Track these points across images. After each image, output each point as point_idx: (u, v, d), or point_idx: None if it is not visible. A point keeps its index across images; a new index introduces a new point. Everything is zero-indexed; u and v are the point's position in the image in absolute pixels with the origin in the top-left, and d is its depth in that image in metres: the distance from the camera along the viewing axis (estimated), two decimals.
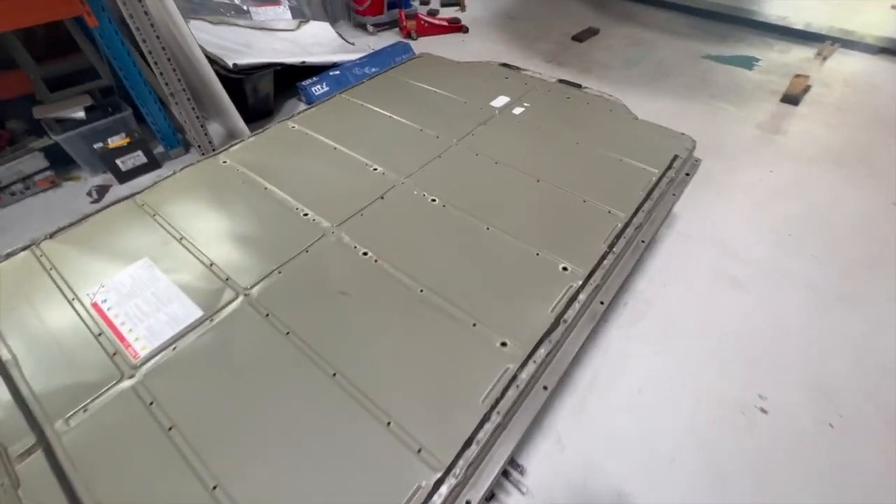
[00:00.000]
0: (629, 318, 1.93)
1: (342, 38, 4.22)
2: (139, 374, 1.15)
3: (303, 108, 3.08)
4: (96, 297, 1.31)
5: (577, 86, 2.31)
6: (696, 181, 2.63)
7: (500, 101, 2.18)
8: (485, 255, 1.43)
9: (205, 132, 2.66)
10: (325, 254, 1.43)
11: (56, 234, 1.52)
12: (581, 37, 4.28)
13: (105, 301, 1.30)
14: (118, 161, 2.61)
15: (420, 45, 4.25)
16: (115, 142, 2.58)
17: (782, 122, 3.11)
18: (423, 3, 5.13)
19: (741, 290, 2.03)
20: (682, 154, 1.83)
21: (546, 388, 1.15)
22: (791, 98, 3.29)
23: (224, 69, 2.85)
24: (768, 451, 1.53)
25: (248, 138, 1.95)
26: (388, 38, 4.36)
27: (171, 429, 1.05)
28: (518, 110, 2.11)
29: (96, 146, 2.55)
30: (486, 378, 1.11)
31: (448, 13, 4.86)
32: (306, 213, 1.57)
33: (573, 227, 1.52)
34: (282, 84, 3.37)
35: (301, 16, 4.03)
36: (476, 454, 1.00)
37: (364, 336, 1.21)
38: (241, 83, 2.86)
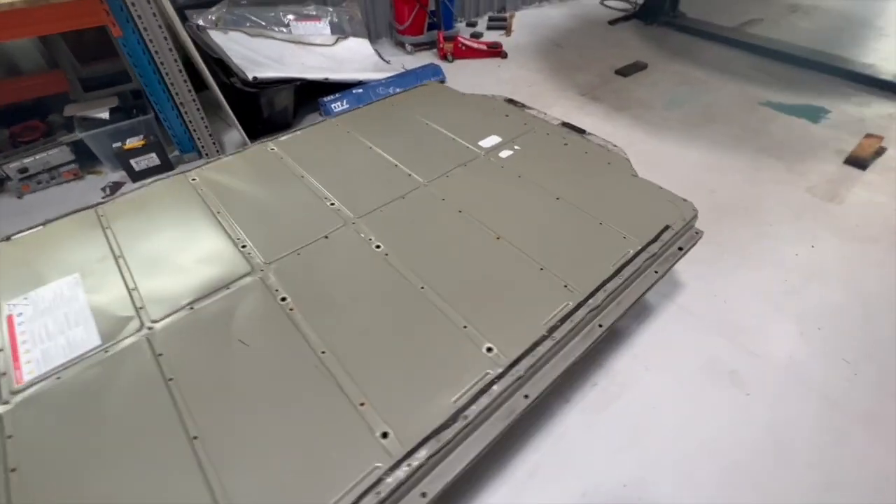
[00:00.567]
0: (597, 401, 1.69)
1: (379, 55, 4.25)
2: (13, 402, 1.12)
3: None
4: (15, 309, 1.32)
5: (581, 131, 2.11)
6: (717, 248, 2.33)
7: (490, 140, 2.03)
8: (407, 320, 1.29)
9: (213, 140, 2.73)
10: (245, 295, 1.36)
11: (12, 237, 1.57)
12: (626, 71, 4.01)
13: (20, 315, 1.30)
14: (132, 161, 2.75)
15: (454, 68, 4.19)
16: (132, 143, 2.72)
17: (840, 188, 2.67)
18: (470, 24, 5.09)
19: (741, 389, 1.72)
20: (676, 224, 1.58)
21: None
22: (857, 161, 2.83)
23: (243, 82, 2.94)
24: None
25: (226, 157, 1.95)
26: (425, 59, 4.33)
27: (13, 470, 1.00)
28: (506, 153, 1.95)
29: (115, 145, 2.70)
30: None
31: (493, 37, 4.77)
32: (245, 246, 1.52)
33: (517, 299, 1.33)
34: (310, 97, 3.42)
35: (340, 32, 4.10)
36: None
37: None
38: (257, 96, 2.92)
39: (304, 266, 1.44)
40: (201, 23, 3.32)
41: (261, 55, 3.34)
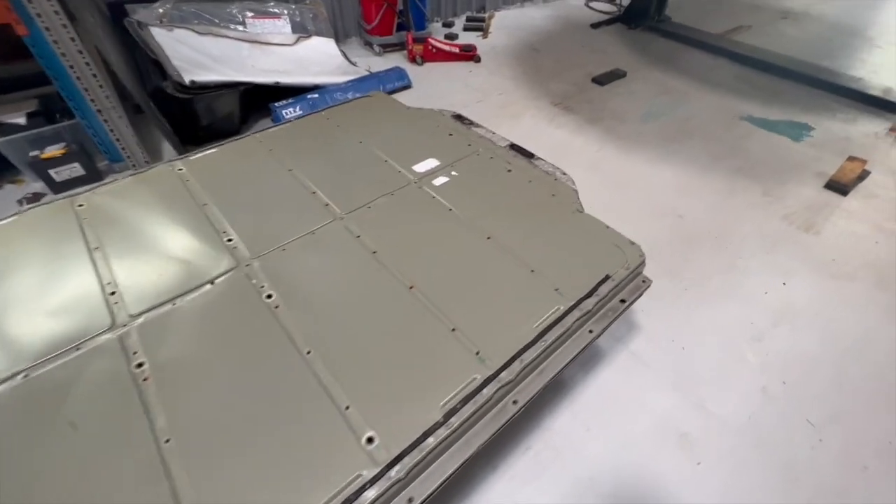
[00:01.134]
0: (528, 469, 1.49)
1: (345, 56, 4.01)
2: None
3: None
4: None
5: (529, 155, 1.90)
6: (680, 283, 2.13)
7: (426, 164, 1.82)
8: (281, 392, 1.08)
9: (142, 150, 2.50)
10: (92, 360, 1.15)
11: None
12: (603, 79, 3.79)
13: None
14: (52, 171, 2.51)
15: (423, 72, 3.96)
16: (51, 151, 2.48)
17: (818, 217, 2.48)
18: (446, 24, 4.85)
19: (689, 454, 1.53)
20: (619, 274, 1.38)
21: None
22: (838, 185, 2.64)
23: (179, 86, 2.70)
24: None
25: (123, 178, 1.72)
26: (394, 61, 4.10)
27: None
28: (441, 180, 1.74)
29: (32, 154, 2.46)
30: None
31: (469, 38, 4.54)
32: (113, 292, 1.30)
33: (416, 371, 1.13)
34: (264, 101, 3.19)
35: (303, 31, 3.86)
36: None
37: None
38: (191, 102, 2.69)
39: (173, 326, 1.23)
40: (142, 19, 3.08)
41: (207, 56, 3.10)
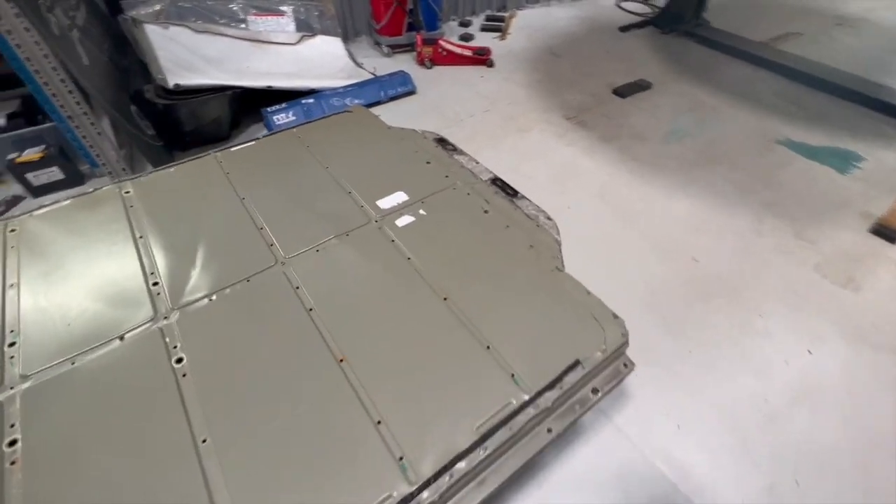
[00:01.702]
0: None
1: (352, 57, 3.83)
2: None
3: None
4: None
5: (512, 193, 1.66)
6: (685, 342, 1.83)
7: (393, 199, 1.61)
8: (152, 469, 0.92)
9: (118, 158, 2.39)
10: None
11: None
12: (624, 90, 3.47)
13: None
14: (29, 175, 2.44)
15: (430, 76, 3.72)
16: (27, 155, 2.40)
17: (859, 268, 2.14)
18: (463, 24, 4.58)
19: None
20: (593, 359, 1.14)
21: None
22: (887, 231, 2.28)
23: (161, 89, 2.57)
24: None
25: (63, 201, 1.59)
26: (402, 63, 3.88)
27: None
28: (405, 220, 1.53)
29: (9, 157, 2.40)
30: None
31: (485, 40, 4.27)
32: (13, 343, 1.16)
33: (325, 477, 0.93)
34: (260, 105, 3.04)
35: (307, 29, 3.69)
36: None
37: None
38: (174, 108, 2.56)
39: (68, 393, 1.08)
40: (138, 16, 2.97)
41: (200, 56, 2.96)
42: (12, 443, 0.99)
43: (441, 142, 1.92)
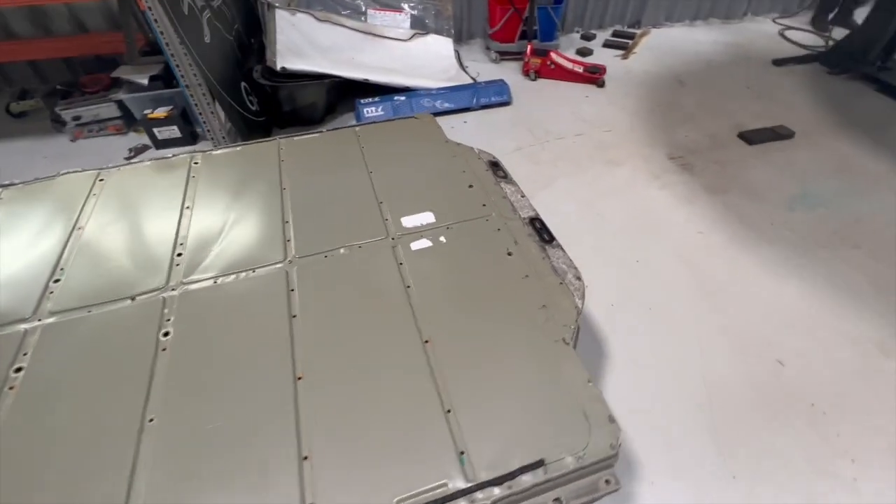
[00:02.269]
0: None
1: (458, 60, 3.82)
2: None
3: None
4: None
5: (547, 240, 1.46)
6: (729, 463, 1.44)
7: (418, 218, 1.52)
8: None
9: (221, 128, 2.67)
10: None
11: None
12: (754, 136, 2.92)
13: None
14: (155, 129, 2.85)
15: (532, 89, 3.54)
16: (157, 112, 2.81)
17: None
18: (585, 37, 4.28)
19: None
20: (561, 463, 0.94)
21: None
22: None
23: (267, 71, 2.80)
24: None
25: (144, 162, 1.80)
26: (508, 72, 3.75)
27: None
28: (422, 244, 1.43)
29: (144, 112, 2.82)
30: None
31: (604, 57, 3.94)
32: (57, 280, 1.34)
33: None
34: (361, 93, 3.17)
35: (421, 27, 3.76)
36: None
37: None
38: (275, 89, 2.77)
39: (75, 338, 1.20)
40: (270, 0, 3.28)
41: (313, 44, 3.18)
42: (18, 370, 1.13)
43: (493, 165, 1.78)
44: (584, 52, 3.98)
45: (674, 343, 1.82)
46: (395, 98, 3.13)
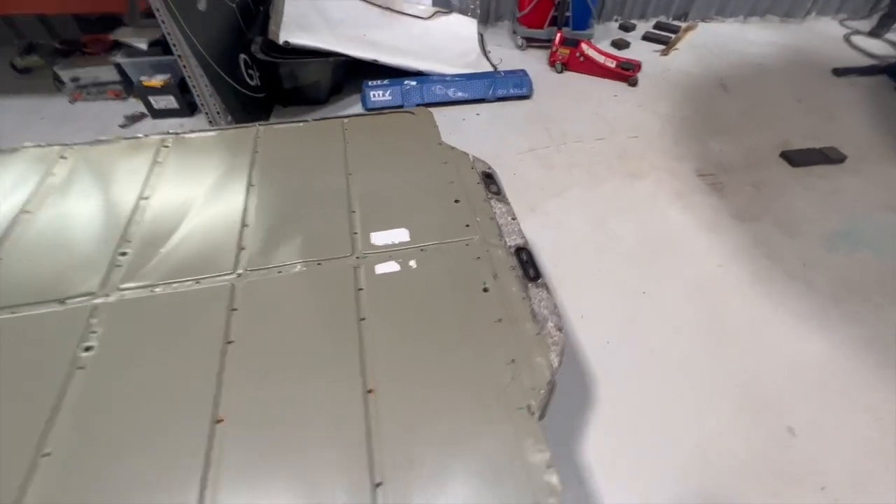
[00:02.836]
0: None
1: (481, 43, 3.54)
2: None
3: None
4: None
5: (532, 277, 1.27)
6: None
7: (390, 235, 1.35)
8: None
9: (217, 105, 2.52)
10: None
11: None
12: (798, 157, 2.60)
13: None
14: (151, 98, 2.72)
15: (556, 83, 3.26)
16: (153, 81, 2.67)
17: None
18: (624, 27, 3.92)
19: None
20: None
21: None
22: None
23: (267, 45, 2.61)
24: None
25: (113, 141, 1.67)
26: (533, 60, 3.46)
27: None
28: (387, 268, 1.26)
29: (140, 79, 2.69)
30: None
31: (641, 52, 3.59)
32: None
33: None
34: (367, 75, 2.97)
35: (445, 5, 3.50)
36: None
37: None
38: (275, 65, 2.58)
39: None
40: None
41: (323, 17, 2.96)
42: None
43: (487, 178, 1.58)
44: (621, 44, 3.64)
45: (671, 394, 1.62)
46: (406, 82, 2.91)
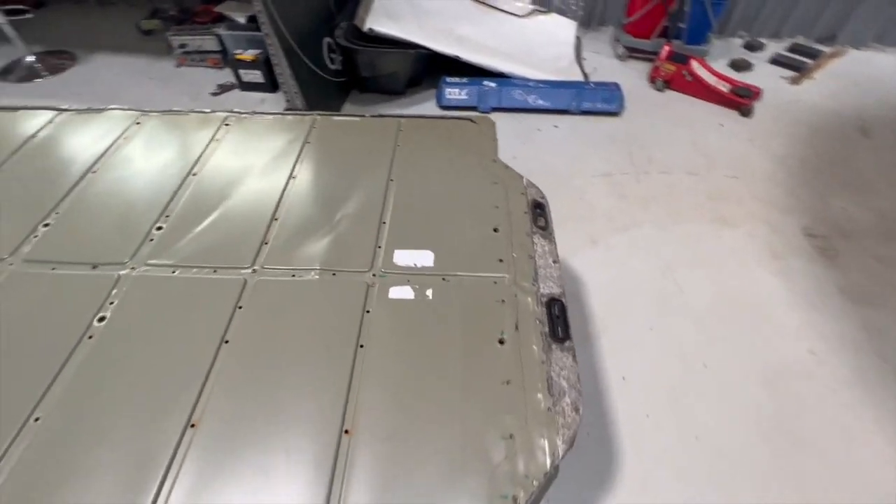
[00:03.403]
0: None
1: (577, 49, 3.28)
2: None
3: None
4: None
5: (560, 337, 1.09)
6: None
7: (413, 257, 1.23)
8: None
9: (296, 87, 2.55)
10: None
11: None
12: None
13: None
14: (241, 71, 2.85)
15: (654, 102, 2.91)
16: (244, 54, 2.79)
17: None
18: (750, 46, 3.40)
19: None
20: None
21: None
22: None
23: (351, 32, 2.59)
24: None
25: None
26: (632, 73, 3.13)
27: None
28: (402, 293, 1.15)
29: (234, 51, 2.82)
30: None
31: (767, 76, 3.09)
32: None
33: None
34: (452, 71, 2.86)
35: (544, 3, 3.27)
36: None
37: None
38: (353, 52, 2.56)
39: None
40: None
41: (414, 7, 2.89)
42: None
43: (537, 208, 1.40)
44: (741, 65, 3.16)
45: (715, 499, 1.35)
46: (485, 83, 2.76)
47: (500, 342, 1.07)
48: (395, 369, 1.02)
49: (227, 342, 1.06)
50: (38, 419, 0.94)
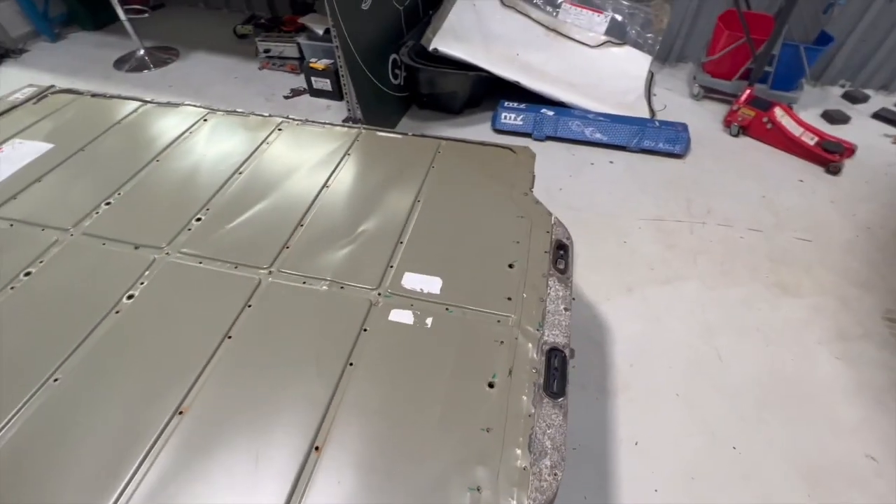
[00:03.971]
0: None
1: (648, 84, 3.14)
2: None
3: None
4: None
5: (554, 392, 1.01)
6: None
7: (422, 282, 1.22)
8: None
9: (357, 102, 2.66)
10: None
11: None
12: None
13: None
14: (312, 78, 3.03)
15: (727, 147, 2.70)
16: (317, 63, 2.97)
17: None
18: (851, 97, 3.06)
19: None
20: None
21: None
22: None
23: (415, 51, 2.66)
24: None
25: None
26: (706, 115, 2.93)
27: None
28: (402, 316, 1.14)
29: (310, 60, 3.02)
30: None
31: (867, 132, 2.76)
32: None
33: None
34: (511, 95, 2.87)
35: (618, 35, 3.17)
36: None
37: None
38: (416, 70, 2.63)
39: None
40: None
41: (482, 30, 2.93)
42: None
43: (560, 249, 1.34)
44: (836, 117, 2.85)
45: None
46: (543, 110, 2.72)
47: (490, 385, 1.02)
48: (378, 393, 1.01)
49: (230, 338, 1.11)
50: (56, 380, 1.03)
